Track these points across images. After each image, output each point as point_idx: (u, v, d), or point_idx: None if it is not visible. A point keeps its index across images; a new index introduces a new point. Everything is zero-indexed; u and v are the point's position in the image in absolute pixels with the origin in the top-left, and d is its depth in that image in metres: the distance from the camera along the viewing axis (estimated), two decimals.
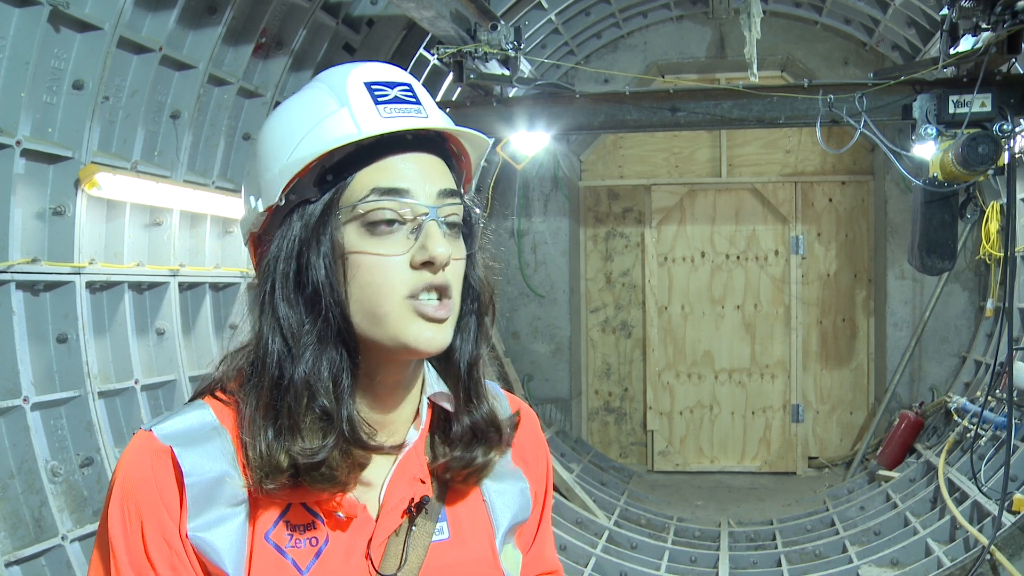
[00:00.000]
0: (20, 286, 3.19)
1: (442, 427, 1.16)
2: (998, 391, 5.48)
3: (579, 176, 8.15)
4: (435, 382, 1.16)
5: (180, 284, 4.05)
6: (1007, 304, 4.88)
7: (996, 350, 5.87)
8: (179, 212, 3.98)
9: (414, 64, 5.18)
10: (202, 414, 1.07)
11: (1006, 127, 4.53)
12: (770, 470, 7.99)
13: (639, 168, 8.11)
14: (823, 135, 4.94)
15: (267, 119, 1.12)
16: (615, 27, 7.36)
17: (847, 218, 7.89)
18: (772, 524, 6.22)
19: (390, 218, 1.02)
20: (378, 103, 1.05)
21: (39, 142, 3.17)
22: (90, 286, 3.51)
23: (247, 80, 4.21)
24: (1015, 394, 5.10)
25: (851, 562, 5.09)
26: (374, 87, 1.06)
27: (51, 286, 3.32)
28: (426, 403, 1.15)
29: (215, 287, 4.34)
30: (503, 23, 4.79)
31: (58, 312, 3.35)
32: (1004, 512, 4.41)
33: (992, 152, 4.43)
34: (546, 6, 6.09)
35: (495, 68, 5.06)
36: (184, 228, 4.07)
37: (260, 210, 1.08)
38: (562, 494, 6.04)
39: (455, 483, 1.14)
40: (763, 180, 7.91)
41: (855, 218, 7.88)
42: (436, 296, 1.04)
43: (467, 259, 1.11)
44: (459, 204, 1.08)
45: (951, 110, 4.68)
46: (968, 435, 5.66)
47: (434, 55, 4.95)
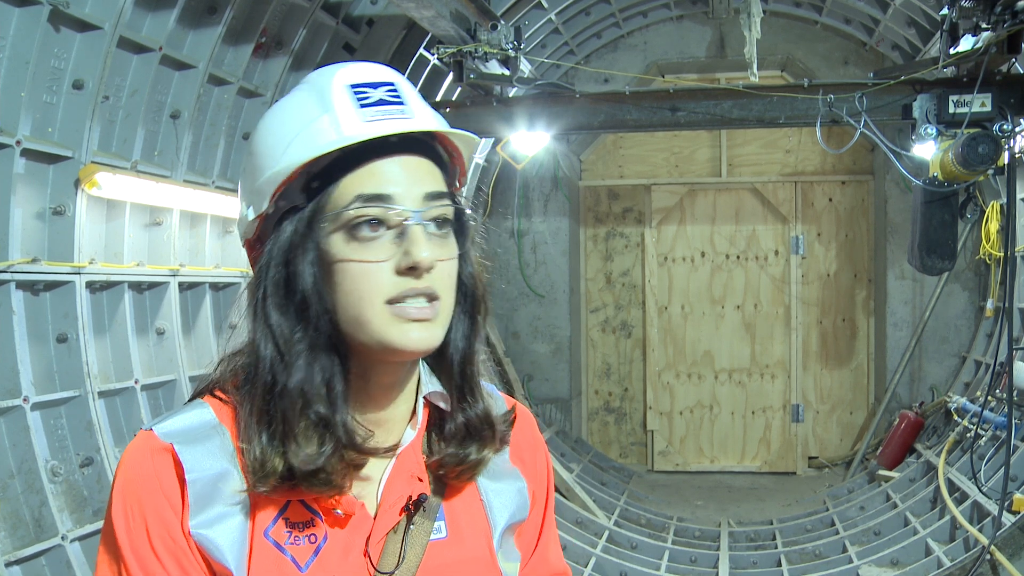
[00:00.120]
0: (20, 286, 3.19)
1: (438, 425, 1.16)
2: (998, 391, 5.48)
3: (579, 176, 8.15)
4: (431, 381, 1.16)
5: (180, 284, 4.05)
6: (1007, 304, 4.88)
7: (996, 350, 5.87)
8: (179, 212, 3.98)
9: (414, 64, 5.18)
10: (202, 413, 1.08)
11: (1006, 127, 4.53)
12: (770, 470, 7.99)
13: (639, 168, 8.11)
14: (823, 135, 4.94)
15: (258, 123, 1.12)
16: (615, 27, 7.36)
17: (847, 218, 7.89)
18: (772, 524, 6.22)
19: (374, 224, 1.02)
20: (361, 106, 1.04)
21: (39, 142, 3.17)
22: (90, 286, 3.51)
23: (247, 80, 4.21)
24: (1015, 394, 5.10)
25: (851, 562, 5.09)
26: (357, 89, 1.05)
27: (51, 286, 3.32)
28: (422, 402, 1.15)
29: (215, 287, 4.34)
30: (503, 23, 4.79)
31: (58, 312, 3.35)
32: (1004, 512, 4.41)
33: (992, 152, 4.43)
34: (546, 6, 6.09)
35: (495, 68, 5.06)
36: (184, 228, 4.07)
37: (251, 218, 1.08)
38: (562, 494, 6.05)
39: (449, 479, 1.14)
40: (763, 180, 7.91)
41: (855, 218, 7.88)
42: (424, 300, 1.03)
43: (459, 257, 1.10)
44: (447, 204, 1.07)
45: (951, 110, 4.68)
46: (968, 435, 5.66)
47: (434, 55, 4.95)
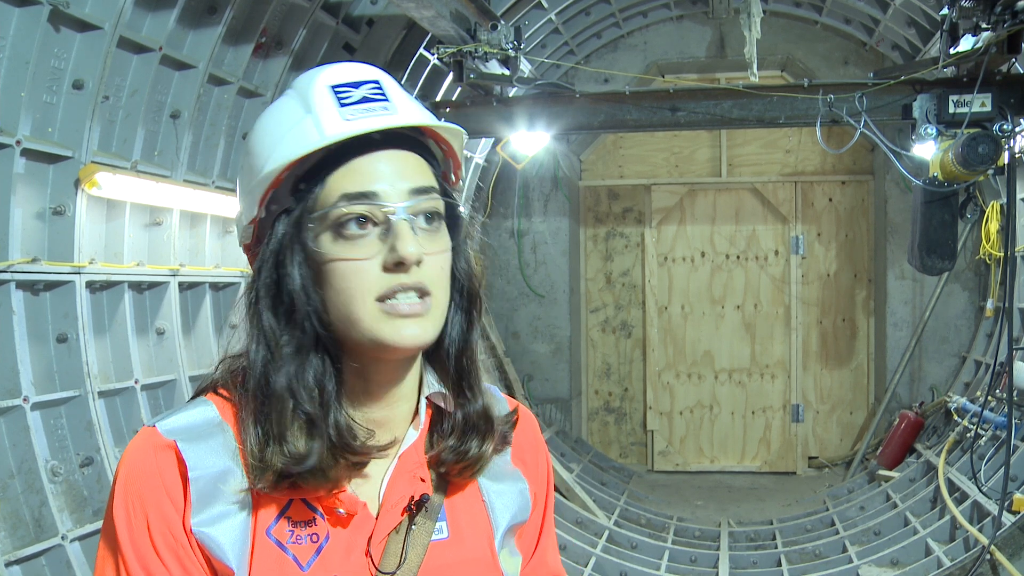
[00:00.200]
0: (20, 286, 3.19)
1: (439, 425, 1.16)
2: (998, 391, 5.49)
3: (579, 176, 8.15)
4: (434, 382, 1.16)
5: (180, 284, 4.05)
6: (1007, 304, 4.88)
7: (996, 350, 5.87)
8: (179, 212, 3.98)
9: (414, 64, 5.18)
10: (205, 410, 1.08)
11: (1006, 127, 4.54)
12: (770, 470, 7.99)
13: (639, 168, 8.11)
14: (823, 135, 4.95)
15: (249, 131, 1.12)
16: (615, 27, 7.36)
17: (847, 218, 7.89)
18: (772, 524, 6.22)
19: (362, 222, 1.02)
20: (342, 106, 1.04)
21: (39, 142, 3.17)
22: (90, 286, 3.51)
23: (247, 80, 4.21)
24: (1015, 394, 5.10)
25: (851, 562, 5.09)
26: (339, 89, 1.05)
27: (51, 286, 3.32)
28: (424, 403, 1.15)
29: (215, 287, 4.34)
30: (503, 23, 4.79)
31: (58, 312, 3.35)
32: (1004, 512, 4.41)
33: (992, 152, 4.44)
34: (546, 6, 6.09)
35: (495, 68, 5.06)
36: (184, 228, 4.07)
37: (245, 223, 1.09)
38: (562, 494, 6.04)
39: (451, 476, 1.14)
40: (763, 180, 7.91)
41: (855, 218, 7.89)
42: (415, 295, 1.03)
43: (453, 250, 1.10)
44: (436, 198, 1.07)
45: (951, 110, 4.68)
46: (968, 435, 5.66)
47: (434, 55, 4.95)
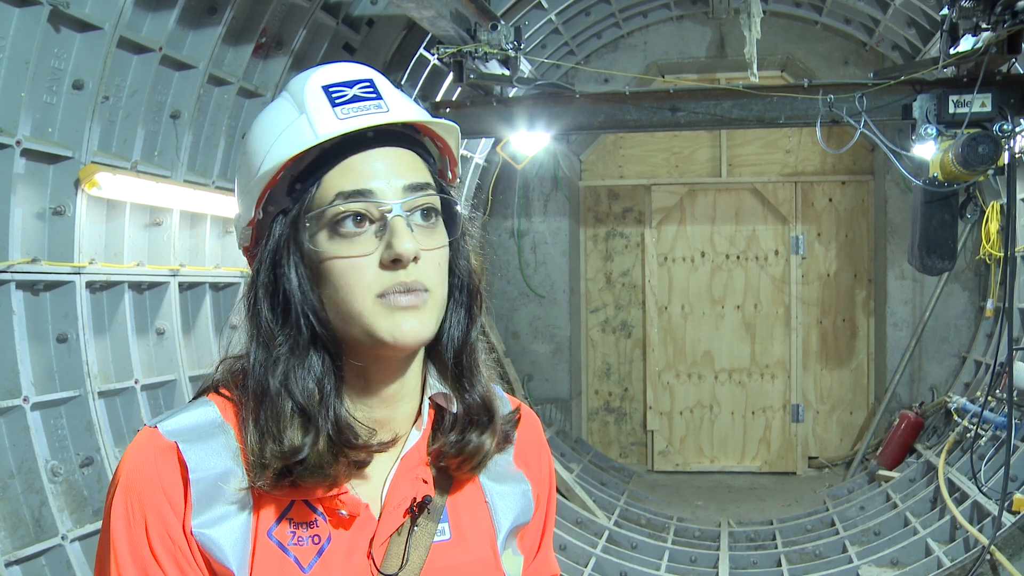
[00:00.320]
0: (20, 286, 3.19)
1: (441, 424, 1.16)
2: (998, 391, 5.49)
3: (579, 176, 8.15)
4: (437, 384, 1.16)
5: (180, 284, 4.05)
6: (1007, 304, 4.88)
7: (996, 350, 5.87)
8: (179, 212, 3.98)
9: (414, 64, 5.17)
10: (207, 411, 1.08)
11: (1006, 127, 4.54)
12: (770, 470, 7.99)
13: (639, 168, 8.11)
14: (823, 135, 4.94)
15: (246, 135, 1.13)
16: (615, 27, 7.36)
17: (847, 218, 7.89)
18: (772, 524, 6.22)
19: (358, 220, 1.03)
20: (335, 105, 1.05)
21: (39, 142, 3.17)
22: (90, 286, 3.51)
23: (247, 80, 4.21)
24: (1015, 394, 5.10)
25: (851, 562, 5.09)
26: (331, 89, 1.06)
27: (51, 286, 3.32)
28: (427, 404, 1.15)
29: (215, 287, 4.34)
30: (503, 23, 4.79)
31: (58, 312, 3.35)
32: (1004, 512, 4.41)
33: (992, 152, 4.44)
34: (546, 6, 6.09)
35: (495, 68, 5.06)
36: (184, 228, 4.07)
37: (243, 225, 1.10)
38: (562, 494, 6.05)
39: (451, 471, 1.14)
40: (763, 180, 7.91)
41: (855, 218, 7.89)
42: (412, 292, 1.03)
43: (451, 247, 1.10)
44: (432, 195, 1.07)
45: (951, 110, 4.68)
46: (968, 435, 5.66)
47: (434, 55, 4.95)
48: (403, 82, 5.11)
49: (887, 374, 7.58)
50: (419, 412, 1.15)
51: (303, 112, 1.05)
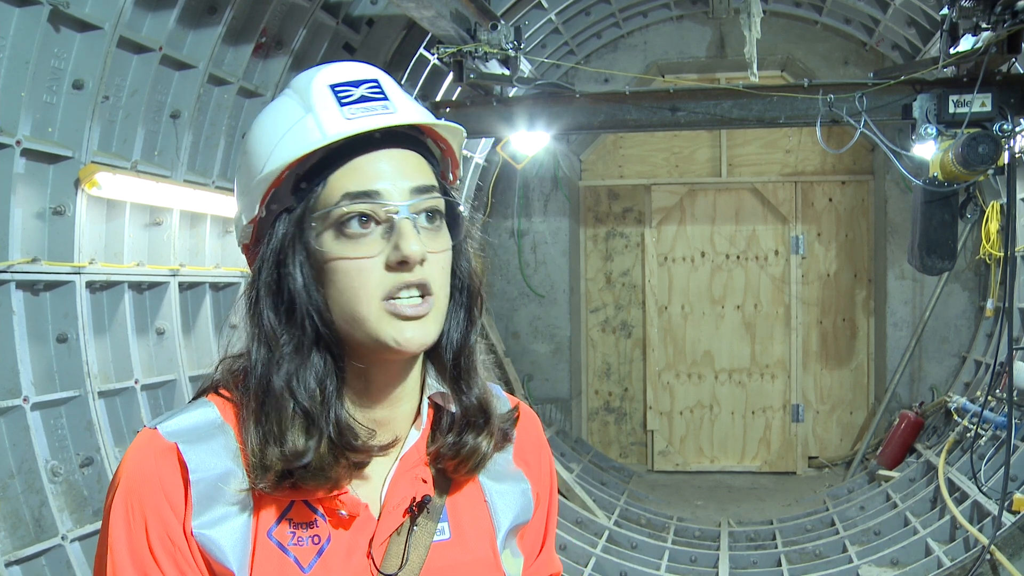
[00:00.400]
0: (20, 286, 3.19)
1: (440, 423, 1.16)
2: (998, 391, 5.49)
3: (579, 176, 8.15)
4: (436, 382, 1.16)
5: (180, 284, 4.05)
6: (1007, 304, 4.88)
7: (996, 350, 5.87)
8: (179, 212, 3.98)
9: (414, 64, 5.18)
10: (206, 411, 1.08)
11: (1006, 127, 4.54)
12: (770, 470, 7.99)
13: (639, 168, 8.11)
14: (823, 135, 4.95)
15: (248, 131, 1.12)
16: (615, 27, 7.36)
17: (847, 218, 7.89)
18: (772, 524, 6.22)
19: (364, 221, 1.02)
20: (343, 105, 1.04)
21: (39, 142, 3.17)
22: (90, 286, 3.51)
23: (247, 80, 4.21)
24: (1015, 394, 5.10)
25: (851, 562, 5.09)
26: (338, 88, 1.05)
27: (51, 286, 3.32)
28: (427, 403, 1.15)
29: (215, 287, 4.34)
30: (503, 23, 4.79)
31: (58, 312, 3.35)
32: (1004, 512, 4.41)
33: (992, 152, 4.44)
34: (546, 6, 6.09)
35: (495, 68, 5.06)
36: (184, 228, 4.07)
37: (244, 223, 1.09)
38: (562, 494, 6.05)
39: (449, 472, 1.14)
40: (763, 180, 7.91)
41: (855, 218, 7.89)
42: (418, 294, 1.03)
43: (453, 249, 1.10)
44: (436, 197, 1.07)
45: (951, 110, 4.68)
46: (968, 435, 5.66)
47: (434, 55, 4.95)
48: (403, 82, 5.11)
49: (887, 374, 7.58)
50: (418, 411, 1.15)
51: (310, 111, 1.04)
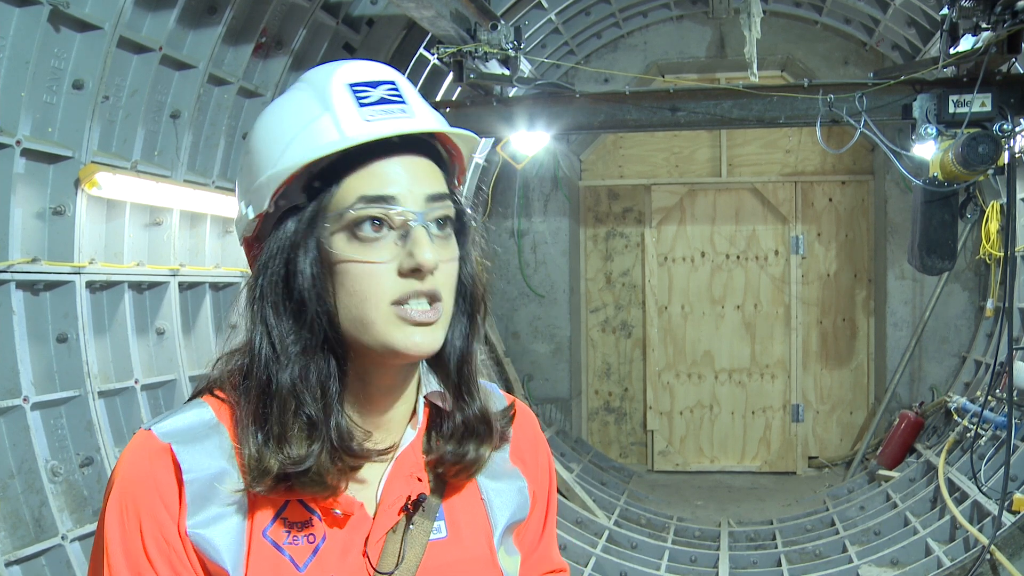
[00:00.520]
0: (20, 286, 3.19)
1: (437, 424, 1.16)
2: (998, 391, 5.48)
3: (579, 176, 8.15)
4: (430, 381, 1.16)
5: (180, 284, 4.05)
6: (1007, 304, 4.88)
7: (996, 350, 5.87)
8: (179, 212, 3.98)
9: (414, 64, 5.18)
10: (200, 412, 1.07)
11: (1006, 127, 4.54)
12: (770, 470, 7.99)
13: (639, 168, 8.11)
14: (823, 135, 4.95)
15: (256, 122, 1.11)
16: (615, 27, 7.36)
17: (847, 218, 7.89)
18: (772, 524, 6.22)
19: (377, 225, 1.02)
20: (362, 106, 1.03)
21: (39, 142, 3.17)
22: (90, 286, 3.51)
23: (247, 80, 4.21)
24: (1015, 394, 5.10)
25: (851, 562, 5.09)
26: (357, 88, 1.04)
27: (51, 286, 3.32)
28: (422, 403, 1.15)
29: (215, 287, 4.34)
30: (503, 23, 4.79)
31: (58, 312, 3.35)
32: (1004, 512, 4.41)
33: (992, 152, 4.43)
34: (546, 6, 6.09)
35: (495, 68, 5.06)
36: (184, 228, 4.08)
37: (251, 217, 1.07)
38: (562, 494, 6.05)
39: (448, 478, 1.14)
40: (763, 180, 7.91)
41: (855, 218, 7.88)
42: (426, 301, 1.03)
43: (459, 258, 1.10)
44: (449, 205, 1.07)
45: (951, 110, 4.68)
46: (968, 435, 5.66)
47: (434, 55, 4.95)
48: None
49: (887, 374, 7.58)
50: (414, 411, 1.15)
51: (328, 110, 1.03)
